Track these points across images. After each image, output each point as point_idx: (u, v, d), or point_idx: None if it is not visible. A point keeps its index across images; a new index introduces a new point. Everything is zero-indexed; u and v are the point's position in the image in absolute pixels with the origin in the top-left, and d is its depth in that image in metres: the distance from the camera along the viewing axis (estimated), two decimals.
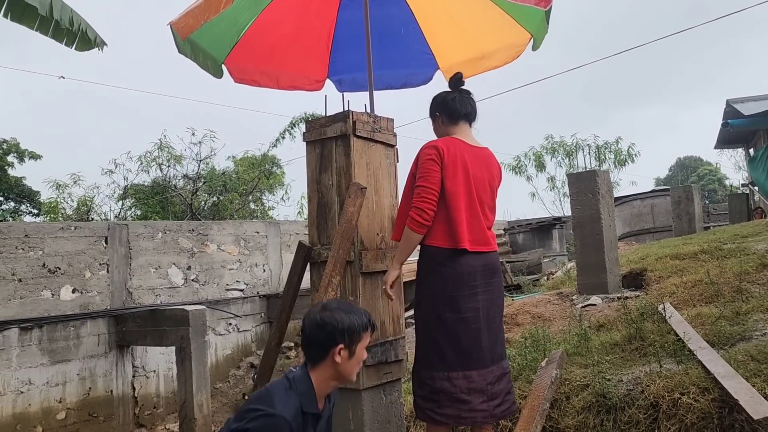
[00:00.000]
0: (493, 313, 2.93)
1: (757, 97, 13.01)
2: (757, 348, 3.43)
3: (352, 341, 2.24)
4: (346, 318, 2.24)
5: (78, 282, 6.99)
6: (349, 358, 2.24)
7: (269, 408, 2.08)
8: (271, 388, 2.21)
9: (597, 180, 6.00)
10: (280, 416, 2.07)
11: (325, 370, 2.24)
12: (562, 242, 14.46)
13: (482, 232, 2.92)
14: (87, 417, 6.89)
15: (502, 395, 2.90)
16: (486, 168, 3.02)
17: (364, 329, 2.28)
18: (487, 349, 2.86)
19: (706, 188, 36.05)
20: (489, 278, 2.91)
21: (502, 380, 2.91)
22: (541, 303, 5.96)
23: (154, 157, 13.92)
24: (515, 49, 4.30)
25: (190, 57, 3.87)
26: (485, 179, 2.99)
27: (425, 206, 2.81)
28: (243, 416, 2.11)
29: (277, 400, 2.12)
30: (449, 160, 2.85)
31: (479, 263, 2.87)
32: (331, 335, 2.21)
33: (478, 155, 3.01)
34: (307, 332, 2.27)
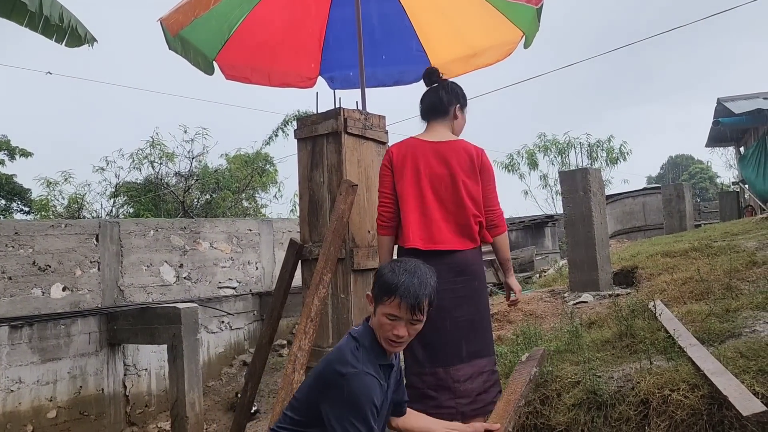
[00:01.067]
0: (460, 311, 2.89)
1: (748, 96, 13.08)
2: (746, 345, 3.45)
3: (377, 297, 2.17)
4: (387, 272, 2.15)
5: (69, 280, 6.95)
6: (374, 315, 2.19)
7: (351, 367, 2.06)
8: (341, 349, 2.16)
9: (589, 178, 6.01)
10: (368, 373, 2.06)
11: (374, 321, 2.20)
12: (554, 240, 14.51)
13: (440, 231, 2.90)
14: (78, 415, 6.86)
15: (474, 394, 2.86)
16: (450, 160, 2.95)
17: (387, 294, 2.11)
18: (454, 347, 2.85)
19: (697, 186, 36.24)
20: (454, 277, 2.89)
21: (477, 379, 2.88)
22: (533, 300, 5.97)
23: (146, 155, 13.86)
24: (507, 46, 4.30)
25: (180, 53, 3.85)
26: (445, 175, 2.93)
27: (381, 210, 3.00)
28: (326, 382, 2.08)
29: (353, 359, 2.09)
30: (398, 163, 2.96)
31: (440, 262, 2.81)
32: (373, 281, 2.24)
33: (438, 151, 2.97)
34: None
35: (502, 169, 23.19)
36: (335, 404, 2.04)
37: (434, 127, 3.07)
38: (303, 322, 2.80)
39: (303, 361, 2.74)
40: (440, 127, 3.07)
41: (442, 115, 3.08)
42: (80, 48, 6.24)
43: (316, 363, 3.10)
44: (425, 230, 2.90)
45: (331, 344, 3.13)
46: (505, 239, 3.10)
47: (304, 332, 2.77)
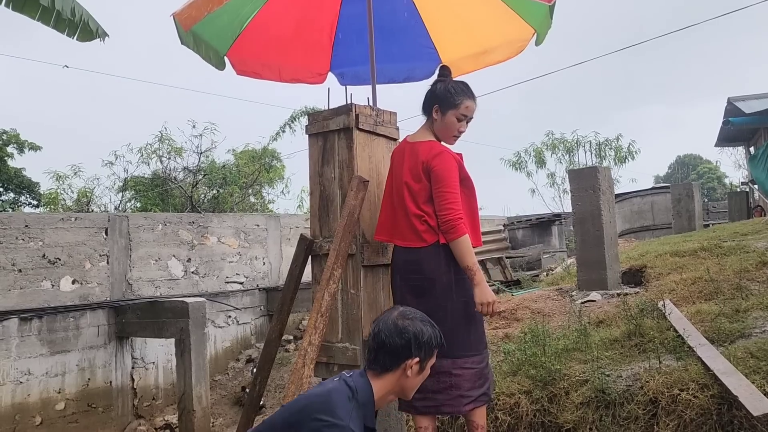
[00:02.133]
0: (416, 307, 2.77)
1: (759, 95, 12.99)
2: (756, 345, 3.44)
3: (426, 356, 2.13)
4: (426, 330, 2.13)
5: (78, 273, 7.00)
6: (419, 373, 2.13)
7: (337, 419, 1.90)
8: (331, 394, 2.00)
9: (598, 176, 5.99)
10: (349, 429, 1.91)
11: (391, 381, 2.10)
12: (561, 238, 14.47)
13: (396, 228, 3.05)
14: (86, 407, 6.90)
15: (427, 391, 2.81)
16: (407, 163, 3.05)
17: (434, 345, 2.16)
18: None
19: (705, 186, 36.05)
20: (409, 273, 2.99)
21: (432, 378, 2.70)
22: (541, 299, 5.96)
23: (155, 149, 13.89)
24: (518, 44, 4.28)
25: (192, 48, 3.86)
26: (400, 175, 3.07)
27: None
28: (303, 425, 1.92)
29: (341, 409, 1.94)
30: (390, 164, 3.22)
31: (399, 256, 3.06)
32: (408, 346, 2.08)
33: (405, 151, 3.11)
34: (383, 337, 2.11)
35: (509, 167, 23.14)
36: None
37: (422, 126, 3.18)
38: (313, 317, 2.81)
39: (313, 356, 2.75)
40: (424, 126, 3.16)
41: (425, 114, 3.17)
42: (92, 42, 6.26)
43: (326, 358, 3.12)
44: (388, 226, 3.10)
45: (340, 339, 3.14)
46: (460, 245, 2.85)
47: (314, 327, 2.78)
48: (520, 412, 3.72)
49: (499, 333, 5.19)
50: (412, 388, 2.17)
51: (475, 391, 2.93)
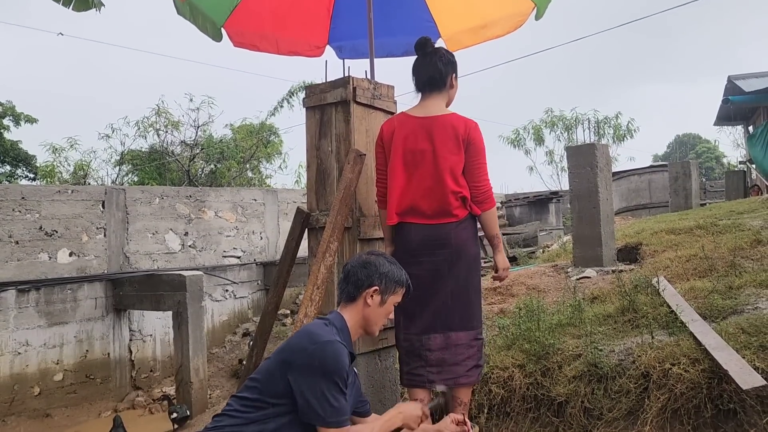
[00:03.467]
0: (439, 282, 2.92)
1: (759, 74, 12.94)
2: (748, 321, 3.47)
3: (386, 289, 2.30)
4: (388, 265, 2.34)
5: (75, 245, 7.01)
6: (380, 305, 2.29)
7: (324, 338, 2.07)
8: (309, 327, 2.19)
9: (596, 153, 5.99)
10: (339, 342, 2.09)
11: (356, 311, 2.27)
12: (558, 216, 14.51)
13: (421, 207, 2.93)
14: (84, 379, 6.98)
15: (445, 365, 2.90)
16: (434, 135, 2.93)
17: (400, 284, 2.35)
18: (429, 316, 2.91)
19: (703, 166, 36.04)
20: (432, 249, 2.93)
21: (449, 351, 2.91)
22: (536, 275, 6.00)
23: (152, 123, 13.81)
24: (518, 18, 4.25)
25: (189, 19, 3.82)
26: (427, 150, 2.92)
27: (377, 185, 3.11)
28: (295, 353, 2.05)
29: (323, 332, 2.11)
30: (387, 139, 3.00)
31: (418, 233, 2.93)
32: (370, 275, 2.28)
33: (424, 126, 2.95)
34: (348, 268, 2.33)
35: (507, 144, 23.08)
36: (306, 373, 2.00)
37: (428, 101, 3.04)
38: (309, 289, 2.83)
39: None
40: (434, 100, 3.04)
41: (439, 88, 3.05)
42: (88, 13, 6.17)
43: None
44: (406, 206, 2.94)
45: None
46: (492, 215, 3.04)
47: (310, 299, 2.80)
48: (514, 386, 3.76)
49: (495, 308, 5.23)
50: (375, 321, 2.31)
51: (483, 363, 3.06)
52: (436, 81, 3.03)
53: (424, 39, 3.12)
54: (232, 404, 2.10)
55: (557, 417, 3.57)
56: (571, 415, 3.48)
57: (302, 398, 1.99)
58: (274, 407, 2.02)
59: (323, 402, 1.98)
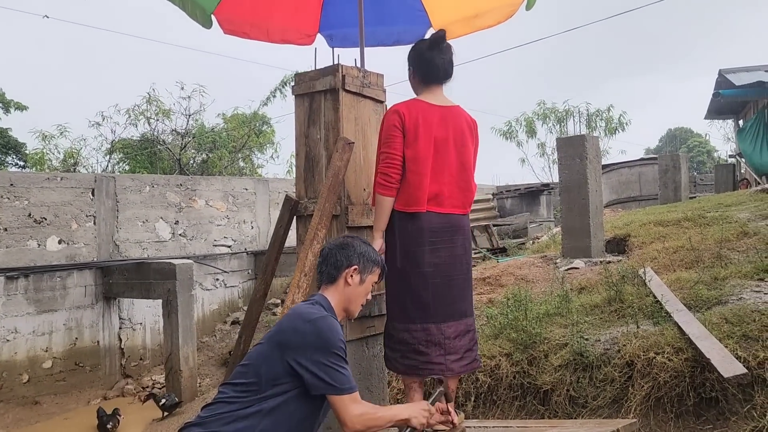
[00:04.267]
0: (455, 270, 2.96)
1: (750, 68, 12.99)
2: (731, 311, 3.52)
3: (365, 268, 2.37)
4: (364, 247, 2.42)
5: (64, 233, 6.98)
6: (359, 284, 2.36)
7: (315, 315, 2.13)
8: (297, 308, 2.24)
9: (585, 145, 6.02)
10: (330, 316, 2.18)
11: (338, 292, 2.33)
12: (549, 208, 14.57)
13: (443, 195, 2.93)
14: (73, 366, 6.97)
15: (462, 351, 2.94)
16: (452, 128, 2.97)
17: (376, 264, 2.43)
18: (447, 304, 2.91)
19: (694, 160, 36.20)
20: (450, 236, 2.95)
21: (464, 337, 2.95)
22: (525, 265, 6.04)
23: (143, 111, 13.71)
24: (509, 8, 4.24)
25: (178, 5, 3.79)
26: (449, 140, 2.95)
27: (389, 171, 2.89)
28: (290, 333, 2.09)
29: (313, 311, 2.17)
30: (411, 125, 2.89)
31: (439, 221, 2.92)
32: (347, 255, 2.35)
33: (443, 116, 2.97)
34: (326, 251, 2.40)
35: (500, 136, 23.10)
36: (307, 351, 2.05)
37: (435, 91, 3.05)
38: (297, 276, 2.84)
39: None
40: (440, 91, 3.06)
41: (446, 80, 3.07)
42: None
43: None
44: (432, 195, 2.92)
45: None
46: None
47: (297, 286, 2.81)
48: (501, 374, 3.81)
49: (483, 298, 5.26)
50: (356, 300, 2.38)
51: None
52: (448, 73, 3.06)
53: (444, 32, 3.11)
54: (226, 391, 2.11)
55: (543, 405, 3.61)
56: (557, 403, 3.53)
57: (309, 374, 2.04)
58: (272, 388, 2.06)
59: (331, 372, 2.05)
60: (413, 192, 2.88)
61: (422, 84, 3.06)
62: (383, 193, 2.91)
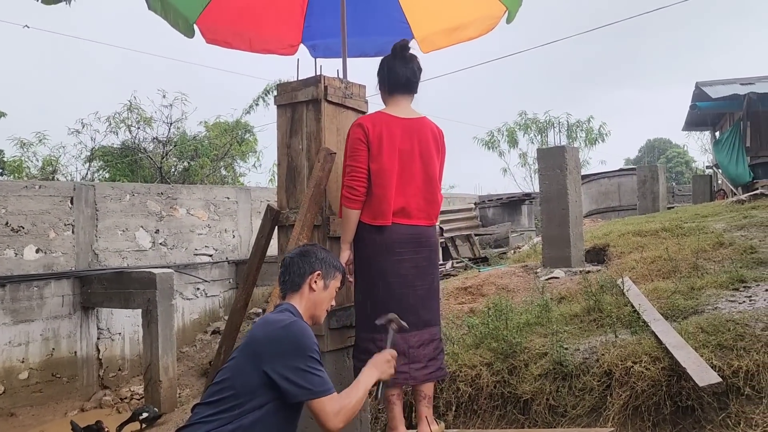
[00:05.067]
0: (419, 280, 2.99)
1: (725, 81, 13.25)
2: (707, 321, 3.57)
3: (327, 273, 2.40)
4: (324, 253, 2.47)
5: (42, 242, 6.90)
6: (324, 289, 2.38)
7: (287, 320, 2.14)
8: (267, 317, 2.25)
9: (565, 156, 6.09)
10: (301, 321, 2.21)
11: (302, 299, 2.34)
12: (531, 218, 14.67)
13: (410, 208, 2.97)
14: (50, 377, 6.86)
15: (426, 360, 2.97)
16: (417, 140, 3.00)
17: (337, 269, 2.47)
18: (411, 313, 2.92)
19: (673, 170, 36.72)
20: (416, 247, 2.99)
21: (428, 346, 2.98)
22: (506, 275, 6.08)
23: (123, 119, 13.59)
24: (490, 20, 4.30)
25: (160, 14, 3.78)
26: (414, 152, 2.98)
27: (354, 184, 2.91)
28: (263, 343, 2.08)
29: (283, 317, 2.18)
30: (374, 138, 2.92)
31: (405, 232, 2.96)
32: (310, 262, 2.38)
33: (408, 128, 3.00)
34: (288, 260, 2.41)
35: (482, 146, 23.27)
36: (282, 358, 2.05)
37: (400, 102, 3.07)
38: (278, 285, 2.84)
39: None
40: (406, 102, 3.08)
41: (411, 91, 3.10)
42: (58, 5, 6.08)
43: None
44: (400, 207, 2.95)
45: None
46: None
47: (278, 296, 2.81)
48: (481, 384, 3.82)
49: (465, 308, 5.29)
50: (321, 305, 2.40)
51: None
52: (412, 84, 3.07)
53: (406, 41, 3.15)
54: (201, 411, 2.07)
55: (523, 414, 3.64)
56: (537, 413, 3.55)
57: (286, 381, 2.03)
58: (250, 402, 2.03)
59: (309, 377, 2.05)
60: (379, 205, 2.92)
61: (388, 95, 3.10)
62: (349, 206, 2.94)
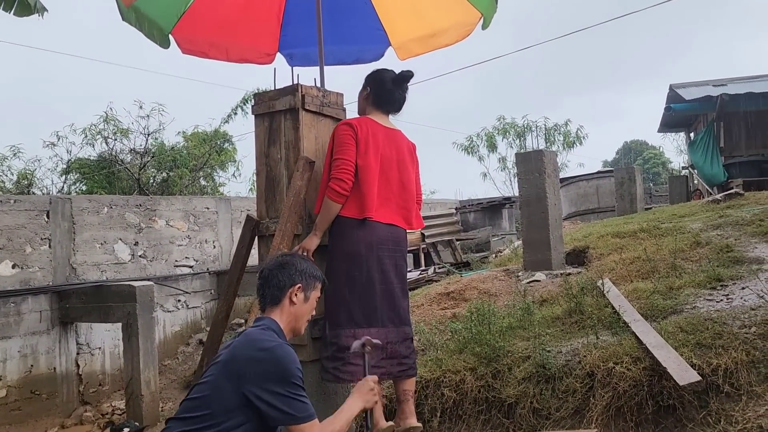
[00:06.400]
0: (396, 279, 3.15)
1: (699, 83, 13.48)
2: (686, 320, 3.62)
3: (308, 285, 2.35)
4: (304, 264, 2.40)
5: (18, 257, 6.78)
6: (304, 302, 2.34)
7: (271, 342, 2.08)
8: (250, 334, 2.16)
9: (543, 160, 6.14)
10: (285, 344, 2.14)
11: (283, 312, 2.29)
12: (511, 221, 14.76)
13: (391, 208, 3.14)
14: (29, 395, 6.73)
15: (400, 357, 3.10)
16: (395, 149, 3.20)
17: (317, 279, 2.42)
18: (389, 310, 3.08)
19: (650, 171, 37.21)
20: (395, 245, 3.16)
21: (403, 344, 3.13)
22: (488, 279, 6.10)
23: (100, 131, 13.43)
24: (466, 27, 4.34)
25: (135, 25, 3.77)
26: (393, 159, 3.16)
27: (344, 176, 2.99)
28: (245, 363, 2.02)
29: (267, 337, 2.12)
30: (362, 137, 3.06)
31: (385, 231, 3.11)
32: (291, 275, 2.31)
33: (388, 136, 3.20)
34: (267, 273, 2.34)
35: (461, 151, 23.39)
36: (264, 381, 2.00)
37: (384, 117, 3.29)
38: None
39: None
40: (386, 116, 3.31)
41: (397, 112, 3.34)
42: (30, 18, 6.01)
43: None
44: (381, 204, 3.09)
45: None
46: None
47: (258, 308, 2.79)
48: (465, 389, 3.83)
49: (447, 313, 5.30)
50: (302, 317, 2.35)
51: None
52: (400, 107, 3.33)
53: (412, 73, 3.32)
54: (175, 427, 2.04)
55: (507, 418, 3.65)
56: (521, 416, 3.56)
57: (267, 405, 1.99)
58: (226, 422, 1.99)
59: (292, 403, 2.02)
60: (365, 199, 3.02)
61: (373, 106, 3.27)
62: (334, 199, 2.99)
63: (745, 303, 3.77)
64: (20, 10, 5.83)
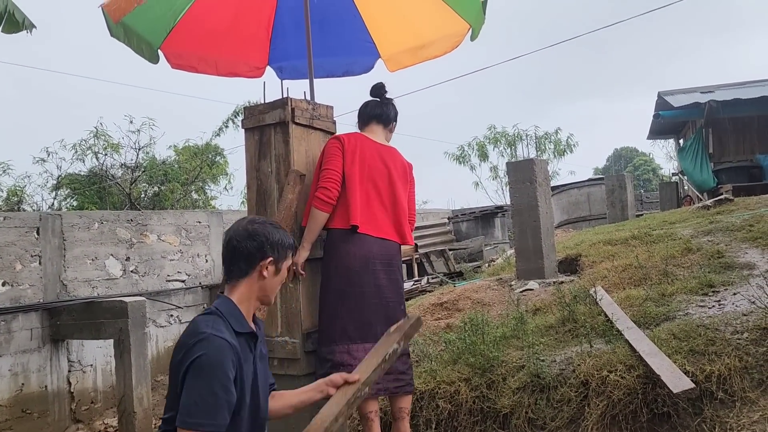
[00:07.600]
0: (391, 293, 3.15)
1: (687, 90, 13.60)
2: (679, 327, 3.62)
3: (280, 256, 2.14)
4: (276, 233, 2.16)
5: (8, 275, 6.72)
6: (275, 274, 2.14)
7: (199, 334, 1.93)
8: (194, 321, 2.04)
9: (534, 168, 6.16)
10: (215, 336, 1.92)
11: (249, 286, 2.11)
12: (504, 230, 14.79)
13: (379, 220, 3.15)
14: (20, 414, 6.65)
15: (397, 372, 3.08)
16: (388, 164, 3.22)
17: (290, 248, 2.21)
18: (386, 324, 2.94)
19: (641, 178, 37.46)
20: (389, 260, 3.17)
21: (400, 360, 3.07)
22: (482, 289, 6.09)
23: (90, 146, 13.41)
24: (455, 38, 4.37)
25: (123, 41, 3.77)
26: (384, 174, 3.18)
27: (330, 185, 3.04)
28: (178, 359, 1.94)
29: (202, 326, 1.97)
30: (349, 149, 3.11)
31: (377, 244, 3.12)
32: (262, 247, 2.10)
33: (380, 151, 3.23)
34: (234, 243, 2.12)
35: (453, 161, 23.50)
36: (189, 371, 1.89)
37: (374, 130, 3.32)
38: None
39: None
40: (379, 131, 3.34)
41: (382, 122, 3.35)
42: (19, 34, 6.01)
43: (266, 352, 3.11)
44: (366, 214, 3.10)
45: (280, 333, 3.14)
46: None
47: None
48: (460, 400, 3.80)
49: (441, 323, 5.28)
50: (272, 290, 2.17)
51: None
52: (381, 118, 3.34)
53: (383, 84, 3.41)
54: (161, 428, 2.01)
55: (503, 429, 3.63)
56: (516, 426, 3.54)
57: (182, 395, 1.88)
58: None
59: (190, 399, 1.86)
60: (350, 208, 3.05)
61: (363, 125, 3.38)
62: (320, 208, 3.04)
63: (737, 308, 3.78)
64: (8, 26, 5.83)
